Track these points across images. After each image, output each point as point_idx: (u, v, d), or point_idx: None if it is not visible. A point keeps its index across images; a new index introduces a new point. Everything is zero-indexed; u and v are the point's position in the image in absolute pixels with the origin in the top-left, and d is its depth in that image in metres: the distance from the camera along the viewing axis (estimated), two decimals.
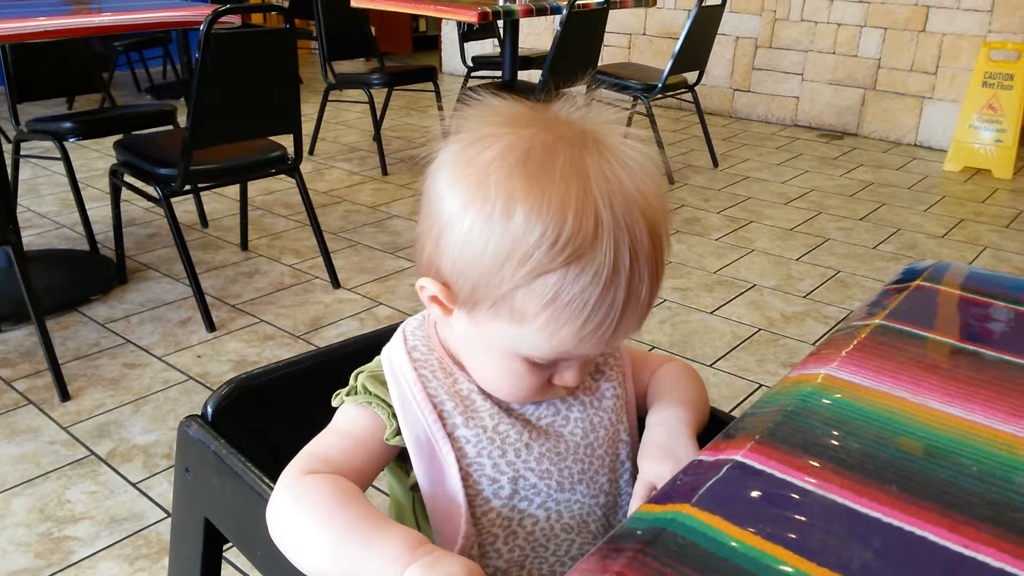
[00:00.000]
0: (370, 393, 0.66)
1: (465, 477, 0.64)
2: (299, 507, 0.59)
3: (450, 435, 0.64)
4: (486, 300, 0.59)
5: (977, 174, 3.93)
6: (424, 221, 0.63)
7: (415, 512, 0.72)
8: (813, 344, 2.26)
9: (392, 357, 0.67)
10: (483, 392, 0.66)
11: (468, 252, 0.58)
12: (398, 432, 0.64)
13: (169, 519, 1.54)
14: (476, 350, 0.64)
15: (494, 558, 0.66)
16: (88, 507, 1.58)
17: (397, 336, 0.69)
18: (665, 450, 0.67)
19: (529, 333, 0.59)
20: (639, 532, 0.45)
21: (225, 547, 0.84)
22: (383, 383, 0.66)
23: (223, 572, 0.86)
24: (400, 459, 0.68)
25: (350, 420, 0.67)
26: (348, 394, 0.68)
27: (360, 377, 0.68)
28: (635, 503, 0.66)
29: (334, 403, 0.69)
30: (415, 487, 0.67)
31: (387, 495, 0.78)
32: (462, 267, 0.59)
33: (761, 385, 2.05)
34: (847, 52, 4.50)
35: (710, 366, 2.14)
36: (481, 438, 0.64)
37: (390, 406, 0.65)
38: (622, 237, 0.56)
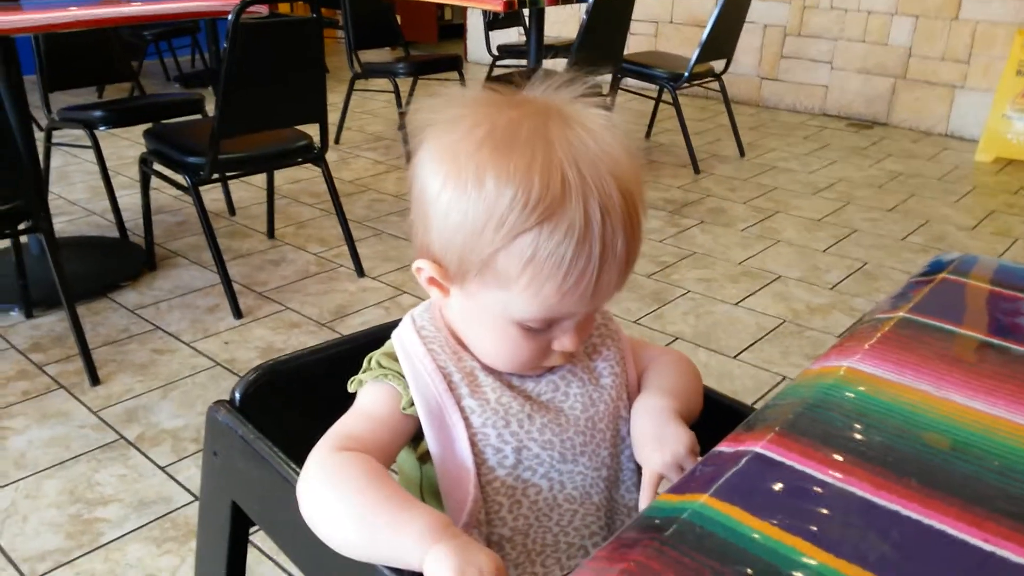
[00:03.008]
0: (383, 367, 0.69)
1: (471, 446, 0.66)
2: (329, 483, 0.61)
3: (458, 404, 0.66)
4: (472, 268, 0.62)
5: (1009, 165, 3.86)
6: (414, 207, 0.67)
7: (422, 487, 0.74)
8: (839, 336, 2.25)
9: (402, 336, 0.71)
10: (485, 368, 0.69)
11: (451, 225, 0.62)
12: (413, 403, 0.67)
13: (197, 503, 1.57)
14: (474, 324, 0.67)
15: (499, 526, 0.67)
16: (117, 490, 1.61)
17: (406, 319, 0.73)
18: (657, 439, 0.69)
19: (516, 295, 0.62)
20: (657, 522, 0.45)
21: (252, 530, 0.85)
22: (396, 359, 0.70)
23: (249, 556, 0.87)
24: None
25: (370, 399, 0.69)
26: (363, 373, 0.71)
27: (373, 358, 0.71)
28: (646, 495, 0.67)
29: (351, 388, 0.72)
30: (423, 457, 0.70)
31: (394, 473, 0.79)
32: (447, 241, 0.63)
33: (785, 377, 2.04)
34: (877, 40, 4.43)
35: (734, 358, 2.13)
36: (485, 409, 0.67)
37: (404, 377, 0.68)
38: (591, 194, 0.59)
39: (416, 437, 0.69)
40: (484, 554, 0.53)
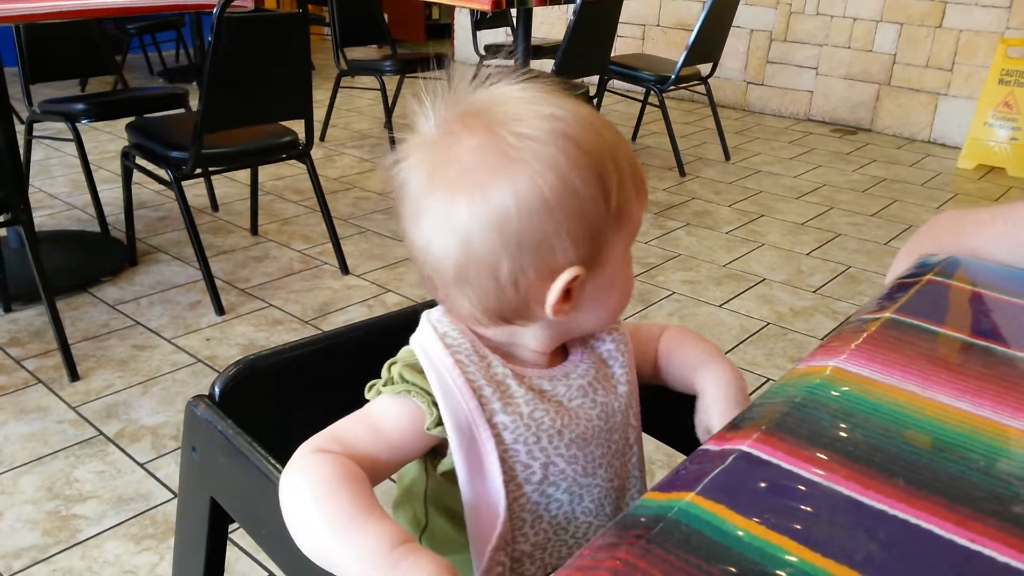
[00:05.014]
0: (408, 382, 0.64)
1: (501, 463, 0.63)
2: (301, 483, 0.59)
3: (489, 421, 0.63)
4: (608, 227, 0.63)
5: (991, 172, 3.90)
6: (460, 257, 0.61)
7: (426, 500, 0.72)
8: (822, 339, 2.26)
9: (425, 345, 0.65)
10: (517, 376, 0.65)
11: (573, 210, 0.61)
12: (439, 422, 0.63)
13: (176, 500, 1.55)
14: (604, 289, 0.66)
15: (521, 542, 0.66)
16: (96, 486, 1.59)
17: (424, 325, 0.67)
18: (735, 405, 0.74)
19: (633, 218, 0.65)
20: (643, 519, 0.44)
21: (231, 528, 0.84)
22: (420, 372, 0.64)
23: (228, 553, 0.86)
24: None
25: (382, 411, 0.65)
26: (385, 385, 0.66)
27: (395, 368, 0.66)
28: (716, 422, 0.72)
29: (368, 395, 0.67)
30: (447, 474, 0.66)
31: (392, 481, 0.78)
32: (577, 231, 0.61)
33: (769, 379, 2.05)
34: (862, 47, 4.46)
35: None
36: (518, 424, 0.64)
37: (430, 394, 0.63)
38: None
39: (434, 450, 0.66)
40: (433, 564, 0.52)
